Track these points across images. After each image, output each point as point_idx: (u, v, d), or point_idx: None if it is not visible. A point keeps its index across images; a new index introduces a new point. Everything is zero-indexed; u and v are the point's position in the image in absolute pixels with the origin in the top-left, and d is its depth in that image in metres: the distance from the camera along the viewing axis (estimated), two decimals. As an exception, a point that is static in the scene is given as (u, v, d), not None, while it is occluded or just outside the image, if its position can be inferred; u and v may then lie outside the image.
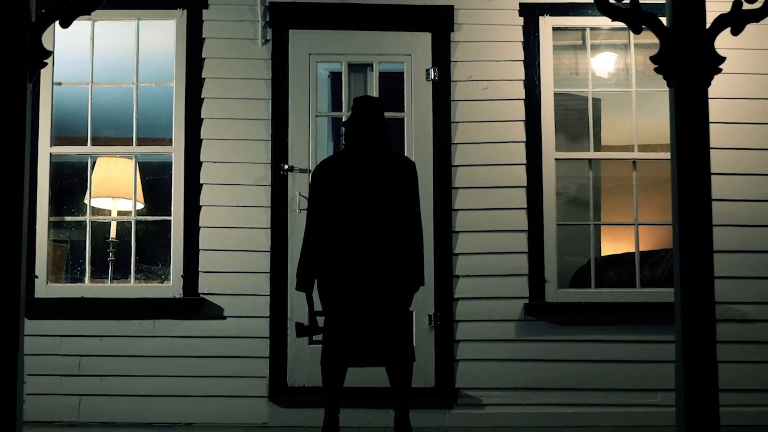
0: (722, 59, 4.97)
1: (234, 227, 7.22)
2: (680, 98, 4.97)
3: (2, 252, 4.84)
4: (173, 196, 7.31)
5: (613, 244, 8.41)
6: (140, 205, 8.09)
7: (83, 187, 7.81)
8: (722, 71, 5.03)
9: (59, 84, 7.42)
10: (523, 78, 7.33)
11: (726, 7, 5.02)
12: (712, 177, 4.99)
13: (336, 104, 7.63)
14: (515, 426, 6.87)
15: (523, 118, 7.30)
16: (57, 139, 7.43)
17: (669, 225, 5.30)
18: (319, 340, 6.09)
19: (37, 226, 7.14)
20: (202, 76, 7.34)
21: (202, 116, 7.31)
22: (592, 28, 7.46)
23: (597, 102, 7.68)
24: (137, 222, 7.65)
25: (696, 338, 4.82)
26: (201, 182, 7.27)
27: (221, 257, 7.20)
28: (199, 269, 7.19)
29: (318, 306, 6.08)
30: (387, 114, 6.30)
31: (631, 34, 5.48)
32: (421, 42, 7.38)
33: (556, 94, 7.37)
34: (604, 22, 6.86)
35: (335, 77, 7.66)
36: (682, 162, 4.94)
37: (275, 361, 7.10)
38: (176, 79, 7.37)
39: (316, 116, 7.37)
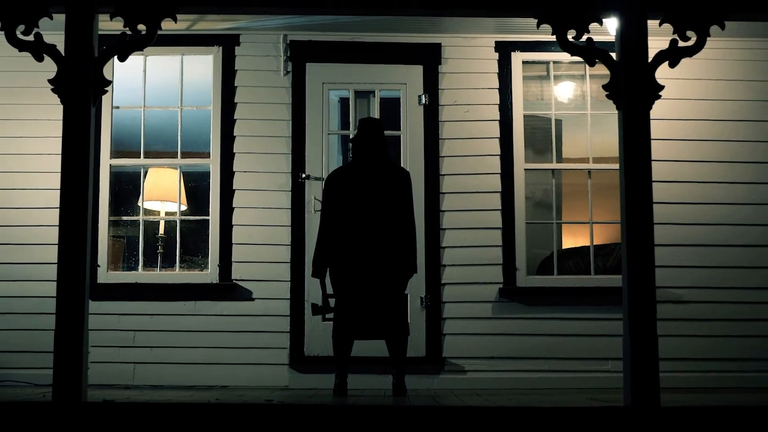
0: (661, 87, 4.97)
1: (261, 225, 7.22)
2: (627, 119, 4.97)
3: (71, 245, 4.85)
4: (211, 199, 7.30)
5: (572, 239, 8.41)
6: (184, 207, 8.10)
7: (137, 192, 7.82)
8: (662, 97, 5.02)
9: (117, 107, 7.41)
10: (498, 103, 7.33)
11: (665, 44, 5.02)
12: (654, 184, 4.98)
13: (344, 124, 7.63)
14: (491, 388, 6.86)
15: (498, 136, 7.30)
16: (115, 153, 7.43)
17: (618, 223, 5.29)
18: (331, 318, 6.10)
19: (99, 224, 7.13)
20: (235, 101, 7.34)
21: (234, 134, 7.31)
22: (554, 62, 7.46)
23: (559, 122, 7.67)
24: (181, 221, 7.65)
25: (640, 316, 4.82)
26: (234, 188, 7.26)
27: (250, 250, 7.20)
28: (232, 259, 7.18)
29: (330, 290, 6.10)
30: (386, 132, 6.32)
31: (587, 66, 5.48)
32: (415, 73, 7.37)
33: (525, 116, 7.37)
34: (564, 56, 6.88)
35: (344, 102, 7.66)
36: (628, 171, 4.95)
37: (294, 335, 7.10)
38: (213, 103, 7.37)
39: (328, 134, 7.37)
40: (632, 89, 4.95)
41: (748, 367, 7.06)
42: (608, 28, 5.40)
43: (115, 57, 5.04)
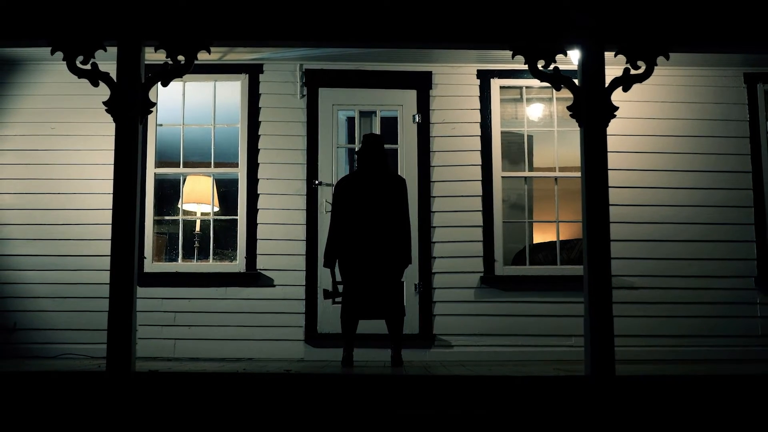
0: (616, 108, 4.99)
1: (280, 224, 7.21)
2: (587, 135, 4.98)
3: (121, 240, 4.85)
4: (239, 202, 7.30)
5: (541, 235, 8.41)
6: (216, 209, 8.09)
7: (177, 196, 7.81)
8: (617, 116, 5.04)
9: (161, 125, 7.41)
10: (479, 121, 7.33)
11: (620, 72, 5.04)
12: (610, 189, 5.00)
13: (351, 139, 7.62)
14: (474, 360, 6.86)
15: (479, 149, 7.30)
16: (159, 163, 7.42)
17: (580, 222, 5.30)
18: (339, 301, 6.10)
19: (145, 223, 7.13)
20: (259, 120, 7.34)
21: (258, 147, 7.30)
22: (527, 87, 7.45)
23: (530, 137, 7.67)
24: (214, 220, 7.66)
25: (598, 300, 4.83)
26: (258, 192, 7.26)
27: (272, 244, 7.19)
28: (257, 252, 7.18)
29: (338, 277, 6.10)
30: (386, 146, 6.32)
31: (554, 90, 5.48)
32: (410, 96, 7.37)
33: (502, 132, 7.36)
34: (535, 82, 6.88)
35: (350, 120, 7.65)
36: (588, 178, 4.95)
37: (309, 316, 7.09)
38: (241, 121, 7.36)
39: (337, 147, 7.37)
40: (592, 110, 4.96)
41: (687, 342, 7.06)
42: (572, 59, 5.40)
43: (159, 83, 5.06)
